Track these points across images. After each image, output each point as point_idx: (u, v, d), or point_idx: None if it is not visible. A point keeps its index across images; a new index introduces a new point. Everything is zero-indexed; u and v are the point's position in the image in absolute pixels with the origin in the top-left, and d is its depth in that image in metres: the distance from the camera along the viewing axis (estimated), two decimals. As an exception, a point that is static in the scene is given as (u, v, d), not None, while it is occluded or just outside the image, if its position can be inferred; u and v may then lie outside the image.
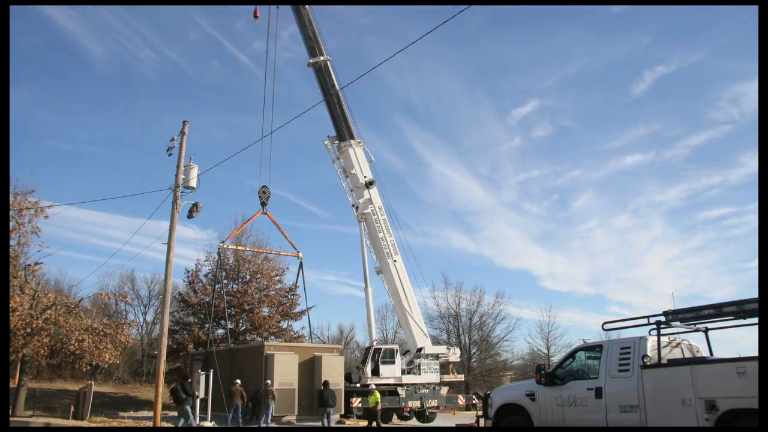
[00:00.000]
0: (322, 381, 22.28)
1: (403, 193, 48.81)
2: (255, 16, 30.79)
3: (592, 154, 43.03)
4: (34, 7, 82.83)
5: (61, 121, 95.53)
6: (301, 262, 31.60)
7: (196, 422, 21.54)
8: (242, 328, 39.77)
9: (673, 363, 10.18)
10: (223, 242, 32.93)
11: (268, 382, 22.63)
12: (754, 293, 9.52)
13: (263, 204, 29.48)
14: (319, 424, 23.20)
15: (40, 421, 25.34)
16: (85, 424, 24.03)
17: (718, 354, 11.26)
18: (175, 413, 19.42)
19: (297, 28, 31.73)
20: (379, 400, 22.82)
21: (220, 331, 38.89)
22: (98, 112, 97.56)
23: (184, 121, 21.28)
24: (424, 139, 43.73)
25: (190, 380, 20.80)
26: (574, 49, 42.71)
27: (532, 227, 51.64)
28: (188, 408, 18.62)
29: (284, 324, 40.06)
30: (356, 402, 26.79)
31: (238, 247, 37.66)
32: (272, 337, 38.73)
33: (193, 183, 20.71)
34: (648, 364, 10.13)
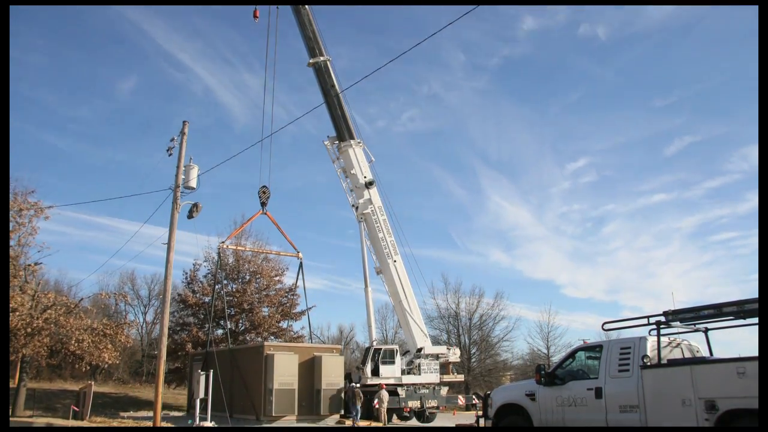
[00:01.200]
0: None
1: (458, 218, 63.78)
2: (255, 17, 30.79)
3: (626, 194, 53.30)
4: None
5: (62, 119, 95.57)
6: (301, 263, 31.63)
7: (196, 422, 21.57)
8: (242, 328, 39.75)
9: (673, 363, 10.18)
10: (223, 242, 32.92)
11: (353, 385, 23.79)
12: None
13: (263, 204, 29.48)
14: (318, 424, 23.24)
15: (41, 421, 25.34)
16: (85, 424, 24.04)
17: (718, 354, 11.26)
18: (175, 413, 19.51)
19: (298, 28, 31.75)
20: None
21: (220, 332, 38.88)
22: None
23: (184, 122, 21.32)
24: (491, 176, 52.54)
25: None
26: (626, 124, 54.15)
27: (565, 245, 58.08)
28: None
29: (284, 324, 40.04)
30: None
31: (238, 247, 37.64)
32: (272, 337, 38.71)
33: (193, 183, 20.73)
34: (648, 364, 10.14)
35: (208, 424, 21.32)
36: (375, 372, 28.45)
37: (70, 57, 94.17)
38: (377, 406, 25.94)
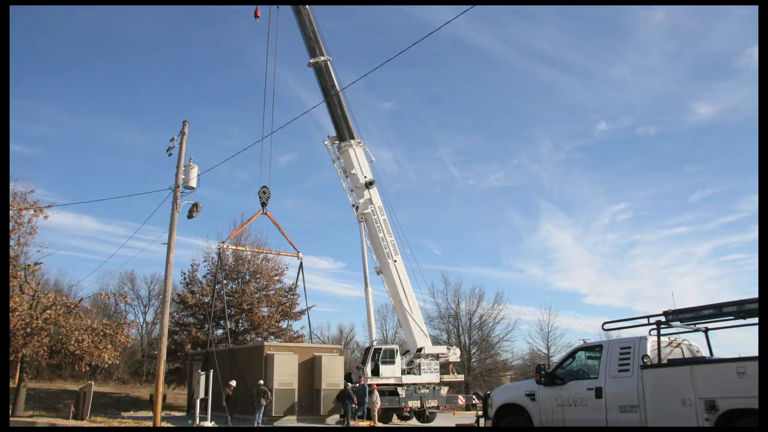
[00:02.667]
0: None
1: (511, 241, 73.51)
2: (255, 16, 30.82)
3: (653, 227, 65.25)
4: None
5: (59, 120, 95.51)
6: (301, 263, 31.59)
7: (196, 422, 21.56)
8: (242, 328, 39.74)
9: (673, 363, 10.18)
10: (223, 242, 32.90)
11: (261, 382, 22.64)
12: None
13: (263, 204, 29.43)
14: (318, 424, 23.22)
15: (41, 421, 25.33)
16: (85, 424, 24.03)
17: (718, 354, 11.25)
18: (174, 413, 19.49)
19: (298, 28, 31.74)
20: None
21: (220, 331, 38.89)
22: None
23: (184, 121, 21.28)
24: (550, 209, 63.95)
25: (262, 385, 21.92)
26: (662, 180, 74.45)
27: (596, 262, 75.30)
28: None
29: (284, 324, 40.04)
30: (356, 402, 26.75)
31: (238, 248, 37.62)
32: (272, 337, 38.71)
33: (193, 183, 20.72)
34: (648, 364, 10.13)
35: (208, 424, 21.32)
36: (375, 372, 28.43)
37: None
38: (370, 407, 26.00)
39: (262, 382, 22.60)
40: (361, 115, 76.04)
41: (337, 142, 31.79)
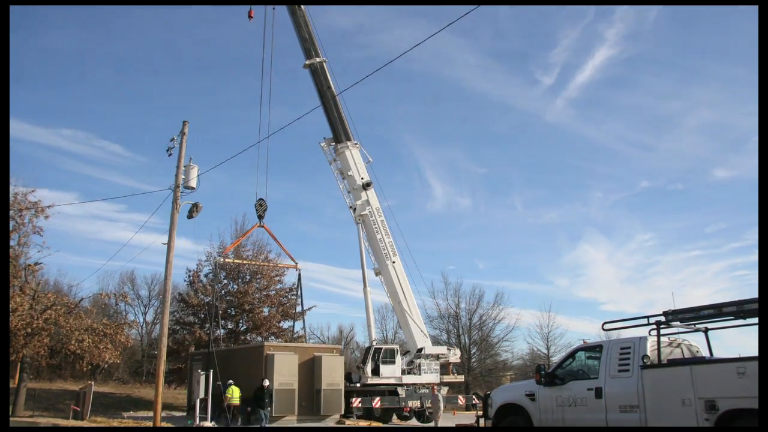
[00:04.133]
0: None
1: (551, 258, 79.24)
2: (249, 17, 30.78)
3: (673, 251, 78.30)
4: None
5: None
6: (299, 274, 31.57)
7: (196, 422, 21.57)
8: (242, 328, 39.77)
9: (673, 363, 10.18)
10: (220, 255, 32.93)
11: (266, 382, 22.33)
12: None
13: (260, 217, 29.39)
14: (318, 424, 23.23)
15: (41, 421, 25.35)
16: (85, 424, 24.04)
17: (718, 354, 11.26)
18: (175, 413, 19.53)
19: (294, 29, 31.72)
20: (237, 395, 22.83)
21: (221, 331, 38.93)
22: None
23: (184, 121, 21.31)
24: (592, 232, 78.43)
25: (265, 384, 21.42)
26: (684, 217, 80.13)
27: (620, 275, 79.83)
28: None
29: (284, 324, 40.07)
30: (356, 402, 26.80)
31: (236, 260, 37.58)
32: (272, 337, 38.73)
33: (193, 183, 20.74)
34: (648, 364, 10.14)
35: (208, 424, 21.34)
36: (375, 372, 28.46)
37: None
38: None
39: (267, 382, 22.35)
40: (460, 180, 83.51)
41: (334, 143, 31.77)
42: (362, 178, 31.17)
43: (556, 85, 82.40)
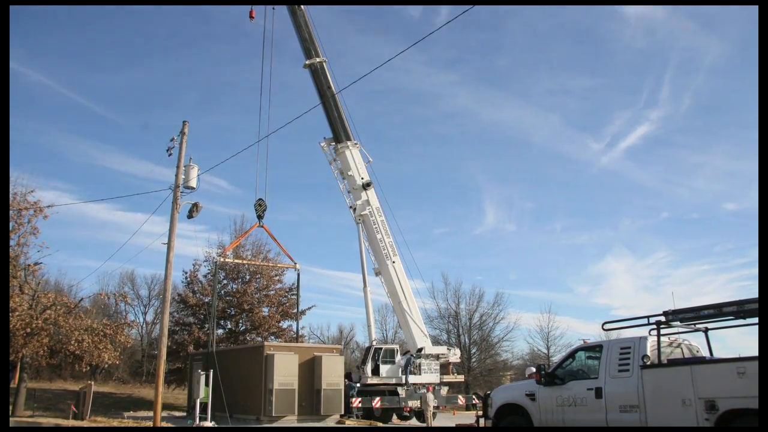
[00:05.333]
0: None
1: (579, 270, 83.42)
2: (250, 17, 30.81)
3: (685, 266, 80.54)
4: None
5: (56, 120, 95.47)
6: (298, 274, 31.60)
7: (196, 422, 21.56)
8: (242, 328, 39.76)
9: (673, 363, 10.18)
10: (220, 256, 32.92)
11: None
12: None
13: (260, 217, 29.39)
14: (318, 424, 23.21)
15: (42, 421, 25.34)
16: (85, 424, 24.04)
17: (718, 354, 11.26)
18: (175, 413, 19.53)
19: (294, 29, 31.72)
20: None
21: (220, 331, 38.93)
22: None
23: (184, 121, 21.31)
24: (618, 246, 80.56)
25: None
26: (694, 236, 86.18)
27: (636, 284, 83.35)
28: None
29: (284, 324, 40.07)
30: (356, 402, 26.80)
31: (236, 260, 37.59)
32: (272, 337, 38.72)
33: (193, 183, 20.74)
34: (648, 364, 10.13)
35: (208, 424, 21.32)
36: (375, 371, 28.45)
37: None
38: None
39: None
40: (512, 211, 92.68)
41: (334, 143, 31.77)
42: (362, 178, 31.15)
43: (607, 147, 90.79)
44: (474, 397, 33.20)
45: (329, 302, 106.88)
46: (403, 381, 28.72)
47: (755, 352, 8.66)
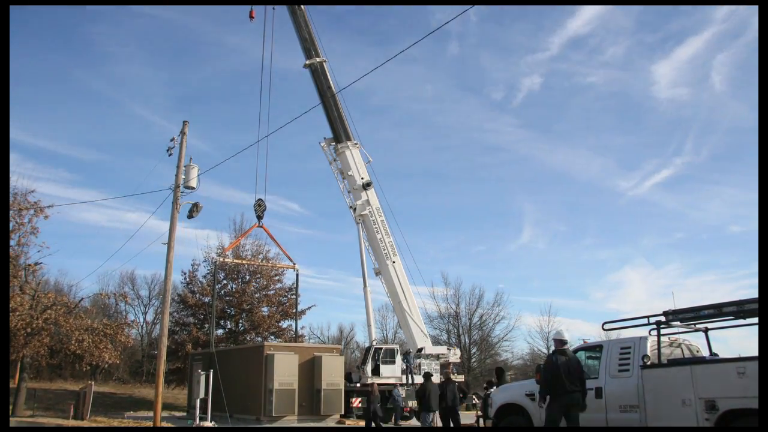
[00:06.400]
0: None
1: (598, 278, 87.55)
2: (250, 17, 30.83)
3: (693, 276, 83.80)
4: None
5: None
6: (297, 274, 31.59)
7: (196, 422, 21.55)
8: (242, 328, 39.74)
9: (673, 363, 10.17)
10: (219, 255, 32.92)
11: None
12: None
13: (259, 217, 29.40)
14: (318, 424, 23.22)
15: (42, 421, 25.34)
16: (85, 424, 24.03)
17: (720, 356, 11.24)
18: (175, 413, 19.52)
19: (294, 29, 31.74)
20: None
21: (220, 331, 38.93)
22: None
23: (184, 121, 21.33)
24: (639, 257, 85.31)
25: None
26: (704, 252, 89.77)
27: (649, 291, 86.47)
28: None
29: (284, 324, 40.06)
30: (356, 402, 26.78)
31: (235, 260, 37.58)
32: (272, 337, 38.72)
33: (193, 183, 20.75)
34: (648, 364, 10.13)
35: (208, 424, 21.32)
36: (375, 371, 28.45)
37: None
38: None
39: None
40: (547, 232, 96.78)
41: (334, 143, 31.78)
42: (362, 178, 31.17)
43: (635, 185, 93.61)
44: (474, 397, 33.20)
45: (329, 302, 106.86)
46: (408, 381, 28.66)
47: (755, 352, 8.67)
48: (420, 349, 29.69)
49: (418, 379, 29.10)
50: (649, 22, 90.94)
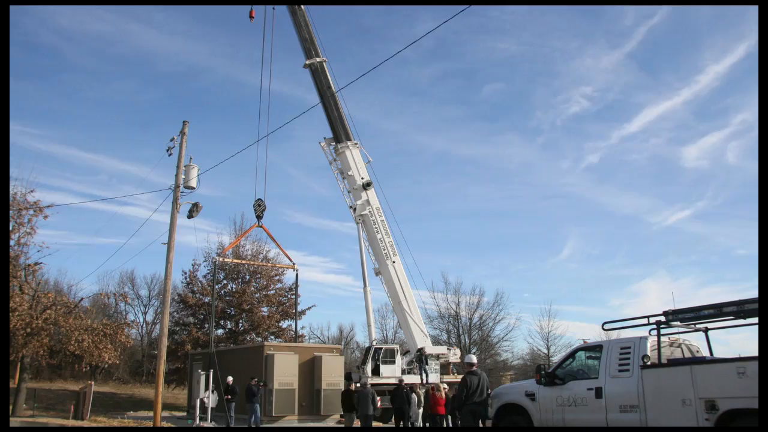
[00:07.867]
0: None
1: (619, 289, 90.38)
2: (250, 17, 30.84)
3: (701, 288, 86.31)
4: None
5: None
6: (297, 274, 31.53)
7: (196, 422, 21.56)
8: (242, 328, 39.75)
9: (673, 363, 10.17)
10: (219, 255, 32.91)
11: (255, 379, 22.02)
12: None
13: (258, 217, 29.38)
14: (318, 424, 23.20)
15: (42, 421, 25.33)
16: (85, 424, 24.04)
17: (718, 354, 11.25)
18: (175, 413, 19.55)
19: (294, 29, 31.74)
20: None
21: (220, 331, 38.92)
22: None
23: (184, 121, 21.33)
24: (661, 271, 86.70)
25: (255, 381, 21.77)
26: (711, 264, 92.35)
27: (662, 298, 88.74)
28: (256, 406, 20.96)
29: (284, 324, 40.06)
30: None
31: (235, 260, 37.58)
32: (272, 337, 38.72)
33: (193, 183, 20.77)
34: (648, 364, 10.13)
35: (208, 424, 21.33)
36: (375, 371, 28.43)
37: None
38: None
39: (255, 379, 22.16)
40: (578, 255, 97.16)
41: (334, 143, 31.77)
42: (362, 178, 31.15)
43: (663, 219, 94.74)
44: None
45: (329, 301, 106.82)
46: (423, 381, 28.55)
47: (755, 352, 8.67)
48: (420, 349, 29.68)
49: (418, 380, 29.11)
50: (686, 125, 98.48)
